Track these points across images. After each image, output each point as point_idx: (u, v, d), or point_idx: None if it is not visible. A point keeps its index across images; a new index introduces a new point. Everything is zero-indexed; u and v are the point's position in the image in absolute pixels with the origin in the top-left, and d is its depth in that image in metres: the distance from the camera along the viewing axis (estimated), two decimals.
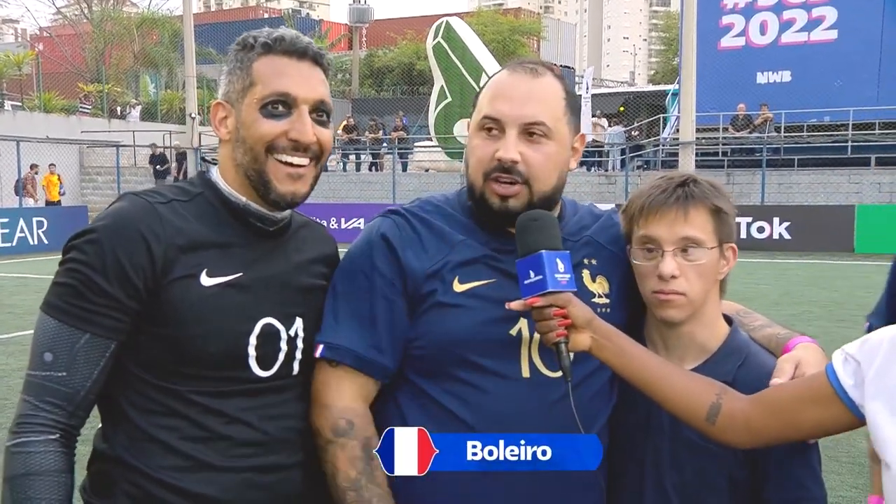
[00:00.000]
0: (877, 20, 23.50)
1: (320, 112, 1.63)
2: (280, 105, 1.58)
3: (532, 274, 1.53)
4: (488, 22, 43.77)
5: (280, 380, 1.64)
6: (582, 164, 25.00)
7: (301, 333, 1.67)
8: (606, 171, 24.76)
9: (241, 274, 1.60)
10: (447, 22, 24.87)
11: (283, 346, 1.64)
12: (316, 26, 42.74)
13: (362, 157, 28.01)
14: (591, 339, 1.56)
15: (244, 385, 1.59)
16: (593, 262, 1.77)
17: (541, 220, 1.57)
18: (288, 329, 1.65)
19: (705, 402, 1.54)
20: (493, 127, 1.66)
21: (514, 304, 1.56)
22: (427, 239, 1.72)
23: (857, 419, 1.41)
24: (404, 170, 26.22)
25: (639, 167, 24.66)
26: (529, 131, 1.65)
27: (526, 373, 1.67)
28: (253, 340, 1.59)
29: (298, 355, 1.67)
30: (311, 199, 1.71)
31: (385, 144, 27.72)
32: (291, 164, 1.60)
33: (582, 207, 1.87)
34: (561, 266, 1.53)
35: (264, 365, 1.61)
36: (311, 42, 1.65)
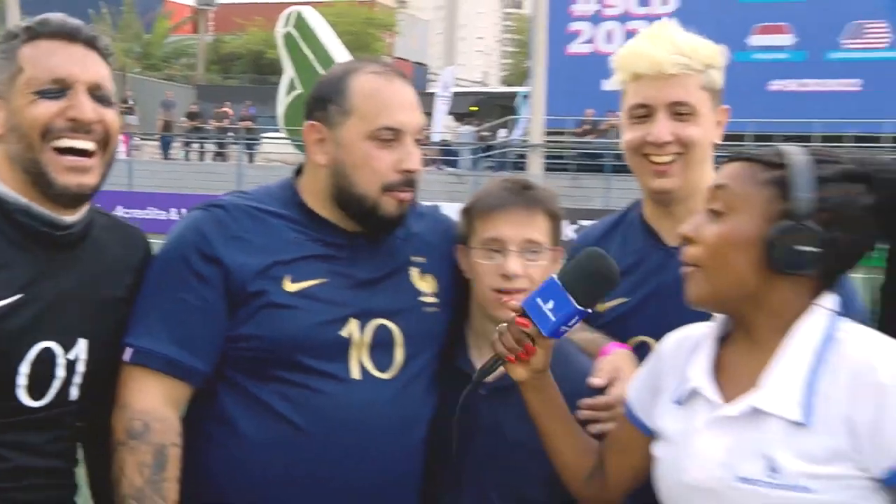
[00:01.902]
0: None
1: (100, 94, 1.53)
2: (53, 90, 1.49)
3: (540, 301, 1.45)
4: (342, 13, 42.95)
5: (56, 408, 1.53)
6: (433, 162, 25.01)
7: (83, 356, 1.55)
8: (457, 169, 24.68)
9: (19, 296, 1.47)
10: (299, 12, 24.22)
11: (60, 372, 1.52)
12: (158, 6, 40.60)
13: (206, 146, 26.93)
14: (528, 376, 1.52)
15: (10, 418, 1.48)
16: (422, 259, 1.77)
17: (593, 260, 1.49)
18: (67, 352, 1.53)
19: (590, 461, 1.56)
20: (392, 138, 1.64)
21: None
22: (254, 235, 1.65)
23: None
24: (251, 161, 25.37)
25: (489, 167, 24.77)
26: (418, 139, 1.68)
27: (356, 374, 1.65)
28: (24, 368, 1.48)
29: (77, 380, 1.55)
30: (149, 187, 1.52)
31: (231, 134, 26.69)
32: (73, 151, 1.49)
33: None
34: (551, 304, 1.45)
35: (35, 394, 1.50)
36: (83, 24, 1.56)
